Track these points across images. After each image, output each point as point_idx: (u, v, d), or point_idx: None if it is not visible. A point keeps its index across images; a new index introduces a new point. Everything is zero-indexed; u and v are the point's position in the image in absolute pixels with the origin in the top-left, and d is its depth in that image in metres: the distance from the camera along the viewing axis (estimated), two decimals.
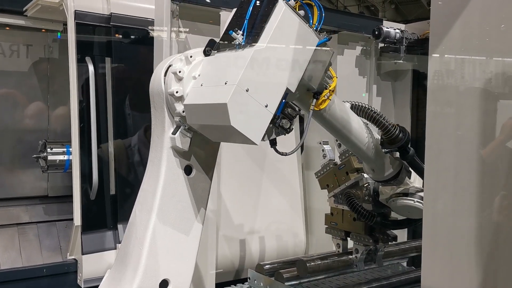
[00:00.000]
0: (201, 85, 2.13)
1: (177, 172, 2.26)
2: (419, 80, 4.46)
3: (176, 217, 2.26)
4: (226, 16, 2.44)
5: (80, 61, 3.81)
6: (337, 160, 3.08)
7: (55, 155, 4.21)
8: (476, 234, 1.46)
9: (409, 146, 2.58)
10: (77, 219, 3.73)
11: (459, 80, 1.54)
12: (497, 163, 1.43)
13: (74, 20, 3.67)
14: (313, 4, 2.23)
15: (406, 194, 2.67)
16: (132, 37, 4.00)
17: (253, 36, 2.07)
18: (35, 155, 4.29)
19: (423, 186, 2.61)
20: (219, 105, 1.91)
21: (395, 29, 4.09)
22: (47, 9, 3.94)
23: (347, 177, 2.97)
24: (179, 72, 2.18)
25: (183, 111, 2.18)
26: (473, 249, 1.47)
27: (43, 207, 4.70)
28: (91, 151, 3.82)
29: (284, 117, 2.12)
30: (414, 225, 2.95)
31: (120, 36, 3.96)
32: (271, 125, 2.07)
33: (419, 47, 4.18)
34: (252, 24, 2.11)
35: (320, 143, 3.15)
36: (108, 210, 3.95)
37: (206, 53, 2.24)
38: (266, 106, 2.00)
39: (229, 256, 3.78)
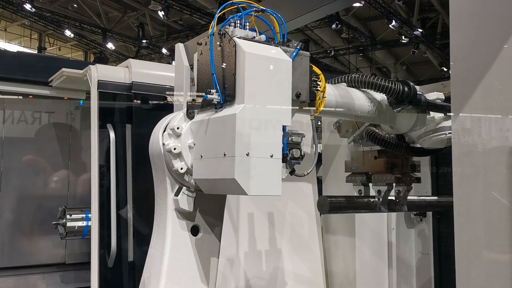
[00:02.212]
0: (201, 156, 2.09)
1: (183, 234, 2.20)
2: None
3: (186, 282, 2.17)
4: None
5: (101, 127, 3.88)
6: None
7: (74, 221, 4.19)
8: None
9: (418, 95, 2.48)
10: (94, 287, 3.65)
11: (482, 141, 1.52)
12: None
13: (97, 89, 3.79)
14: (270, 14, 2.13)
15: (434, 131, 2.67)
16: (152, 103, 4.09)
17: (229, 94, 2.00)
18: (54, 222, 4.28)
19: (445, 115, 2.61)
20: (229, 180, 1.89)
21: None
22: (71, 80, 4.08)
23: None
24: (174, 149, 2.16)
25: (181, 168, 2.16)
26: None
27: (60, 275, 4.63)
28: (110, 217, 3.80)
29: (292, 147, 2.04)
30: (442, 151, 2.85)
31: (141, 102, 4.05)
32: (284, 164, 2.00)
33: None
34: (221, 79, 2.04)
35: None
36: (126, 277, 3.88)
37: (189, 115, 2.24)
38: (272, 156, 1.94)
39: None
